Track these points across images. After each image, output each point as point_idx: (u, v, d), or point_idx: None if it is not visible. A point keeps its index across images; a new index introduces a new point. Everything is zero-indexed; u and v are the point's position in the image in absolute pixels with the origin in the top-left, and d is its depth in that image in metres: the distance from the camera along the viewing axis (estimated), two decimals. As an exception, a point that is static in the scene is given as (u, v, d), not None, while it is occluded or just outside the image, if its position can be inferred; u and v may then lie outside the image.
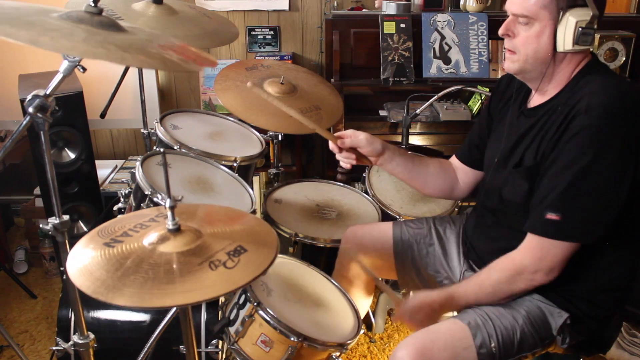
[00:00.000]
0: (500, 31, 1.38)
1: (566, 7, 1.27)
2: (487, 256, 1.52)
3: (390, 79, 2.73)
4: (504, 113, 1.55)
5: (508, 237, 1.46)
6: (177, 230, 1.03)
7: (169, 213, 1.03)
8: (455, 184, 1.72)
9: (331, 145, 1.58)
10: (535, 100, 1.43)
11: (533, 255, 1.32)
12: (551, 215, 1.27)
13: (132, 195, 1.84)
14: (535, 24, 1.30)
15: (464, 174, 1.72)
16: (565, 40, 1.28)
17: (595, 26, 1.28)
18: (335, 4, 3.16)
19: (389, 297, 1.94)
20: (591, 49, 1.38)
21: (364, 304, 1.92)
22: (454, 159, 1.75)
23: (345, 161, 1.59)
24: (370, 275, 1.63)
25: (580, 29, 1.27)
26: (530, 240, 1.33)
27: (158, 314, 1.71)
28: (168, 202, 1.02)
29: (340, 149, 1.57)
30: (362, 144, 1.55)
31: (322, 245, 1.92)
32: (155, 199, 1.66)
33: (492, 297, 1.39)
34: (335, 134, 1.58)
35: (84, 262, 0.97)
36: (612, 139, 1.23)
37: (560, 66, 1.35)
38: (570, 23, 1.27)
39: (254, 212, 1.82)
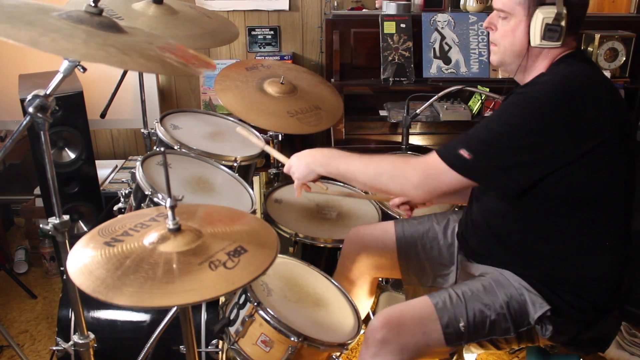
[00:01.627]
0: (484, 24, 1.47)
1: (536, 4, 1.34)
2: (475, 245, 1.55)
3: (390, 79, 2.73)
4: None
5: (492, 224, 1.49)
6: (177, 230, 1.03)
7: (169, 213, 1.03)
8: None
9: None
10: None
11: (426, 170, 1.38)
12: (463, 152, 1.32)
13: (132, 195, 1.84)
14: (512, 19, 1.38)
15: None
16: (535, 35, 1.35)
17: (564, 23, 1.32)
18: (335, 4, 3.16)
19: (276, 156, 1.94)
20: (576, 45, 1.41)
21: (365, 304, 1.92)
22: None
23: (403, 213, 1.72)
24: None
25: (546, 25, 1.33)
26: (431, 157, 1.38)
27: (158, 314, 1.71)
28: (168, 202, 1.02)
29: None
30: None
31: (322, 245, 1.92)
32: (155, 199, 1.66)
33: (367, 180, 1.46)
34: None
35: (84, 261, 0.97)
36: (544, 109, 1.28)
37: (537, 60, 1.40)
38: (538, 19, 1.33)
39: (254, 212, 1.82)
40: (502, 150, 1.31)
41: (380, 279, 2.23)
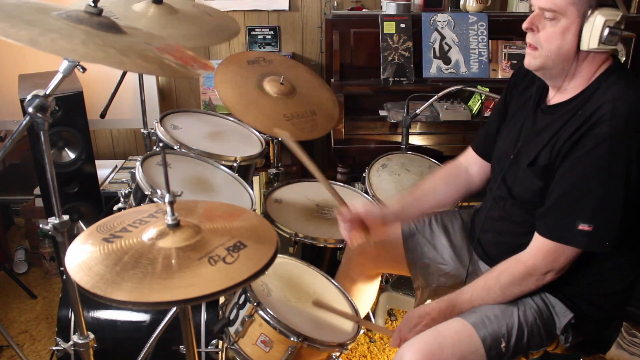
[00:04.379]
0: (525, 25, 1.34)
1: (595, 6, 1.26)
2: (493, 251, 1.53)
3: (390, 79, 2.73)
4: (519, 106, 1.54)
5: (514, 232, 1.46)
6: (176, 226, 1.03)
7: (168, 208, 1.03)
8: (470, 182, 1.69)
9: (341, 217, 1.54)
10: (555, 98, 1.41)
11: (546, 257, 1.32)
12: (583, 226, 1.26)
13: (132, 195, 1.84)
14: (562, 20, 1.28)
15: (479, 167, 1.67)
16: (591, 39, 1.26)
17: (622, 27, 1.26)
18: (335, 4, 3.16)
19: (379, 331, 2.07)
20: (614, 52, 1.36)
21: (369, 300, 1.91)
22: (469, 152, 1.72)
23: (348, 236, 1.53)
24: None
25: (608, 28, 1.25)
26: (545, 243, 1.32)
27: (158, 314, 1.71)
28: (167, 197, 1.02)
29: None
30: (362, 215, 1.53)
31: (322, 245, 1.92)
32: (155, 199, 1.66)
33: (500, 299, 1.39)
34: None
35: (82, 257, 0.97)
36: (637, 148, 1.23)
37: (582, 66, 1.33)
38: (598, 22, 1.25)
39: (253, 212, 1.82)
40: (618, 206, 1.25)
41: (380, 279, 2.24)
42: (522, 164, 1.43)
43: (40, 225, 1.47)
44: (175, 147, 1.96)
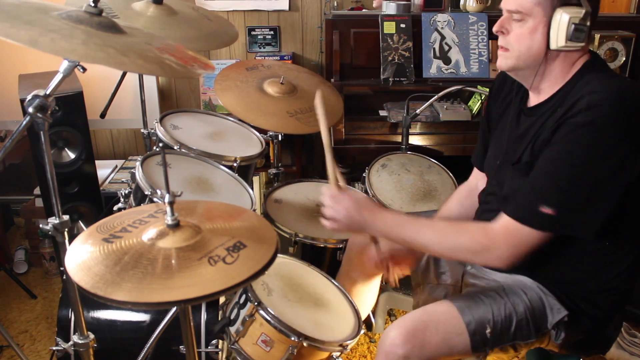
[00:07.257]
0: (495, 28, 1.38)
1: (559, 4, 1.28)
2: None
3: (390, 79, 2.73)
4: (500, 113, 1.55)
5: None
6: (176, 226, 1.03)
7: (168, 208, 1.03)
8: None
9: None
10: (534, 99, 1.43)
11: (509, 240, 1.30)
12: (546, 209, 1.25)
13: (132, 195, 1.84)
14: (529, 21, 1.31)
15: (485, 182, 1.66)
16: (559, 37, 1.29)
17: (589, 23, 1.28)
18: (335, 4, 3.16)
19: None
20: (590, 48, 1.37)
21: (371, 299, 1.91)
22: (475, 170, 1.72)
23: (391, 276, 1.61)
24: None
25: (573, 25, 1.27)
26: (510, 224, 1.30)
27: (158, 314, 1.71)
28: (167, 197, 1.02)
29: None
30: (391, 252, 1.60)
31: (322, 245, 1.92)
32: (155, 199, 1.66)
33: (445, 251, 1.38)
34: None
35: (82, 257, 0.97)
36: (612, 136, 1.22)
37: (554, 64, 1.34)
38: (563, 20, 1.27)
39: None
40: (584, 194, 1.24)
41: (380, 279, 2.23)
42: (508, 165, 1.43)
43: (40, 225, 1.47)
44: (175, 147, 1.96)
